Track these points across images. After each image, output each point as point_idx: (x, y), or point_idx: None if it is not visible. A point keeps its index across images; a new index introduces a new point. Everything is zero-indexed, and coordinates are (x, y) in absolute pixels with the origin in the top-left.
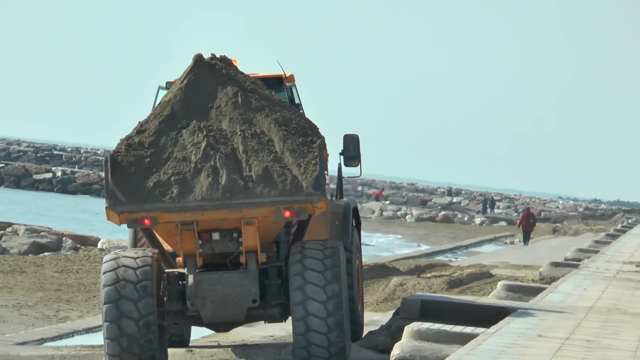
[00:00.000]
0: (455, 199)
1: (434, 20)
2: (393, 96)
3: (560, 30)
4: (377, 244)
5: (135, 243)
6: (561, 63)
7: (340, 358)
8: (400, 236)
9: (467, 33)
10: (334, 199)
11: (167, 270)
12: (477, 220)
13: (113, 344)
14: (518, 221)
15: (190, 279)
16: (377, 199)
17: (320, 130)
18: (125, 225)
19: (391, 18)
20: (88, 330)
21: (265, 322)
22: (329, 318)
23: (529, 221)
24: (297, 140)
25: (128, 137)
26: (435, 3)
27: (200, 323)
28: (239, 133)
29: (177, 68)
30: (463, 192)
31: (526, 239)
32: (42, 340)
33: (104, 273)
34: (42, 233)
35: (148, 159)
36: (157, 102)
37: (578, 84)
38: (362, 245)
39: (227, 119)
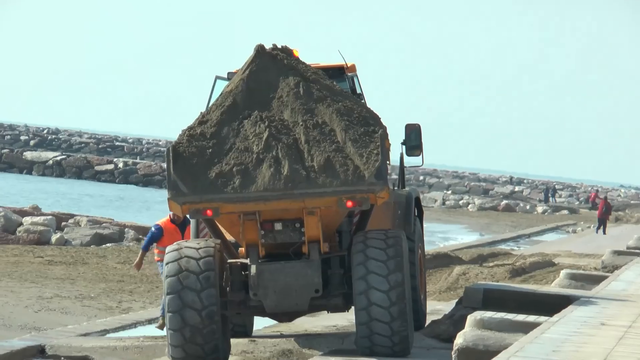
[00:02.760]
0: (517, 188)
1: (500, 8)
2: (455, 86)
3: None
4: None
5: (197, 234)
6: (628, 53)
7: (403, 347)
8: (463, 225)
9: (531, 22)
10: (396, 188)
11: (229, 261)
12: (539, 209)
13: (176, 334)
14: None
15: (253, 269)
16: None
17: (382, 119)
18: (188, 215)
19: (457, 5)
20: (150, 321)
21: (328, 312)
22: (391, 307)
23: (602, 209)
24: (359, 130)
25: (190, 128)
26: None
27: (263, 313)
28: (301, 123)
29: (239, 58)
30: (525, 181)
31: (601, 226)
32: (104, 332)
33: (167, 264)
34: (104, 224)
35: (210, 150)
36: (215, 92)
37: None
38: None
39: (288, 109)
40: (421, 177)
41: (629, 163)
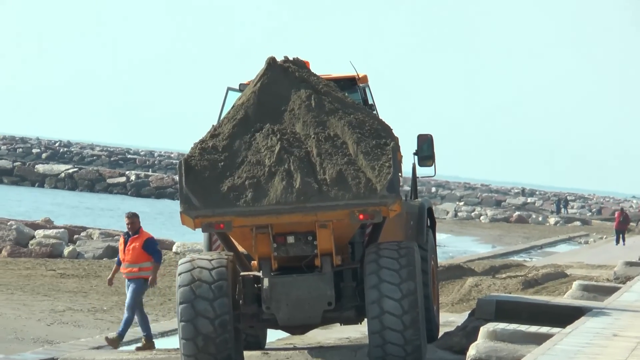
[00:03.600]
0: (529, 200)
1: (508, 17)
2: (466, 97)
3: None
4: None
5: (210, 246)
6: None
7: (416, 357)
8: (476, 237)
9: (533, 33)
10: (408, 199)
11: (242, 274)
12: (552, 221)
13: (189, 343)
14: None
15: (266, 282)
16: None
17: (393, 131)
18: (200, 229)
19: (466, 16)
20: (163, 334)
21: (340, 325)
22: (404, 316)
23: (619, 220)
24: (370, 143)
25: (202, 141)
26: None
27: (275, 326)
28: (313, 136)
29: (251, 69)
30: (537, 192)
31: (619, 238)
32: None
33: (179, 274)
34: (116, 237)
35: (222, 163)
36: (227, 104)
37: None
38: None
39: (300, 122)
40: (433, 189)
41: None
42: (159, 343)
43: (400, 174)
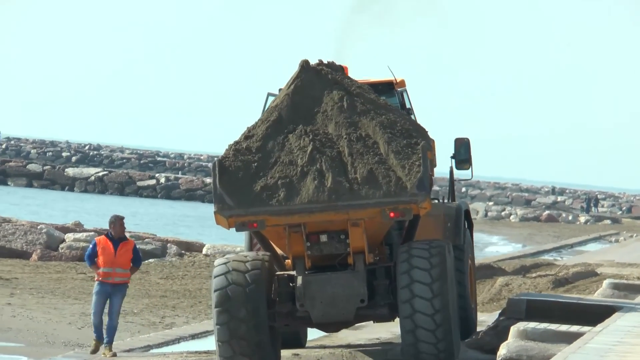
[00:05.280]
0: (559, 198)
1: (536, 21)
2: (496, 97)
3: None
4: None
5: (251, 246)
6: None
7: (448, 355)
8: (506, 236)
9: (556, 33)
10: (446, 201)
11: (277, 273)
12: (582, 219)
13: (225, 346)
14: None
15: (300, 280)
16: None
17: (429, 132)
18: (234, 229)
19: (504, 21)
20: (194, 337)
21: (374, 322)
22: (435, 315)
23: None
24: (401, 143)
25: (236, 143)
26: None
27: (310, 324)
28: (345, 136)
29: (285, 75)
30: (567, 190)
31: None
32: (148, 347)
33: (215, 277)
34: (146, 240)
35: (255, 164)
36: (267, 108)
37: None
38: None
39: (333, 123)
40: (463, 189)
41: None
42: (190, 345)
43: (431, 173)
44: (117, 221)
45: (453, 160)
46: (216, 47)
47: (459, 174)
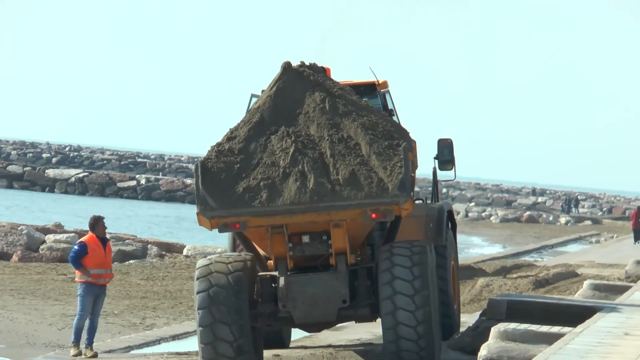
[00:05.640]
0: (539, 199)
1: (514, 22)
2: (478, 97)
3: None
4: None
5: (234, 247)
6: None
7: (429, 352)
8: (486, 237)
9: (546, 32)
10: (428, 202)
11: (260, 274)
12: (562, 220)
13: (207, 348)
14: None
15: (282, 281)
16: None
17: (410, 134)
18: (217, 230)
19: (485, 23)
20: (175, 337)
21: (355, 322)
22: (417, 311)
23: (637, 220)
24: (383, 144)
25: (219, 144)
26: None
27: (292, 324)
28: (327, 138)
29: (267, 76)
30: (547, 192)
31: (637, 237)
32: (128, 348)
33: (197, 279)
34: (127, 241)
35: (238, 165)
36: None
37: None
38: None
39: (315, 125)
40: (444, 190)
41: None
42: (171, 346)
43: (412, 174)
44: (100, 221)
45: (436, 161)
46: (198, 48)
47: (441, 174)
